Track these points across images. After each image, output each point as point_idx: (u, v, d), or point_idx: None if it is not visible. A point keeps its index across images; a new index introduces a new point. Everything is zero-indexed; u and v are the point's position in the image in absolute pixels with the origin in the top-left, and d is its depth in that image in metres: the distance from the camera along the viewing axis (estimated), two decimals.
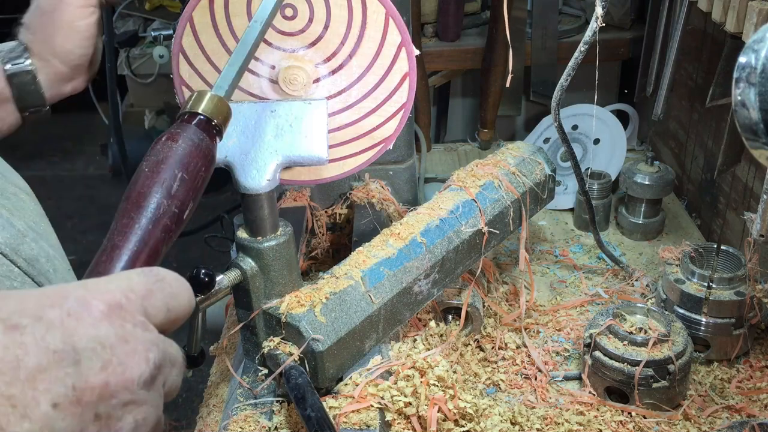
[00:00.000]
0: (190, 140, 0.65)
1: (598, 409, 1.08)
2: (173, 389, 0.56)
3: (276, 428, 0.90)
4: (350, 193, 1.37)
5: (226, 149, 0.90)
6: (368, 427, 0.85)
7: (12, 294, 0.49)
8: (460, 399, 0.91)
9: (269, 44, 0.93)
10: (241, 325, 0.97)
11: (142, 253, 0.61)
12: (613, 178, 1.57)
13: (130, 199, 0.62)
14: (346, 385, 0.91)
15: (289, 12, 0.92)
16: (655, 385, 1.05)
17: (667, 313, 1.13)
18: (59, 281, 0.68)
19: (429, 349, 1.08)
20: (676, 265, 1.23)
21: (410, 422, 0.89)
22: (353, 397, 0.88)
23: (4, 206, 0.67)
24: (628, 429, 1.04)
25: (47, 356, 0.46)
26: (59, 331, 0.47)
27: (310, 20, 0.92)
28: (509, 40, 1.14)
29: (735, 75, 0.68)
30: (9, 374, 0.44)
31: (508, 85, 1.20)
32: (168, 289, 0.55)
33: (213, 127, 0.69)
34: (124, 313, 0.51)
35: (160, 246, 0.62)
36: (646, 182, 1.48)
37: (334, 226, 1.40)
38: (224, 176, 0.92)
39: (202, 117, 0.68)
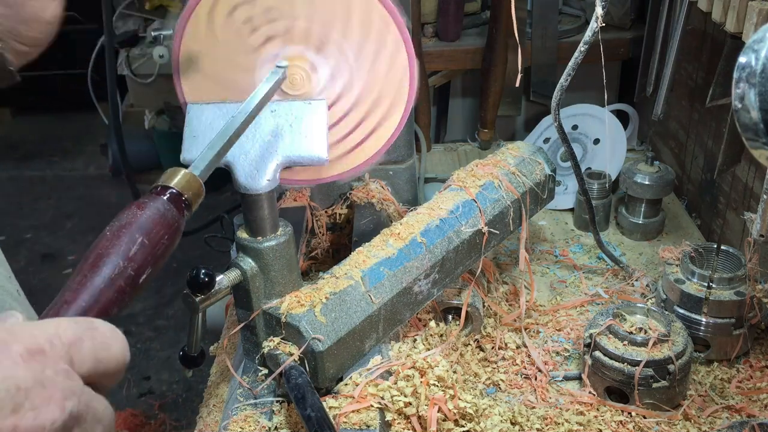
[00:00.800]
0: (156, 209, 0.67)
1: (598, 409, 1.08)
2: None
3: (276, 428, 0.90)
4: (350, 193, 1.37)
5: None
6: (368, 427, 0.85)
7: None
8: (460, 399, 0.91)
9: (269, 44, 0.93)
10: (241, 325, 0.97)
11: (90, 311, 0.60)
12: (613, 178, 1.57)
13: (88, 260, 0.62)
14: (346, 385, 0.91)
15: (291, 13, 0.92)
16: (655, 385, 1.05)
17: (667, 313, 1.13)
18: (13, 304, 0.67)
19: (429, 349, 1.08)
20: (676, 265, 1.23)
21: (410, 422, 0.89)
22: (353, 397, 0.88)
23: None
24: (628, 429, 1.04)
25: None
26: None
27: (311, 21, 0.92)
28: (517, 38, 1.14)
29: (735, 75, 0.68)
30: None
31: (517, 84, 1.20)
32: (99, 338, 0.54)
33: (183, 201, 0.70)
34: (45, 358, 0.50)
35: (111, 306, 0.61)
36: (646, 182, 1.48)
37: (334, 226, 1.40)
38: (224, 176, 0.92)
39: (173, 191, 0.70)
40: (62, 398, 0.50)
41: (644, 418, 1.06)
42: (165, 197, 0.69)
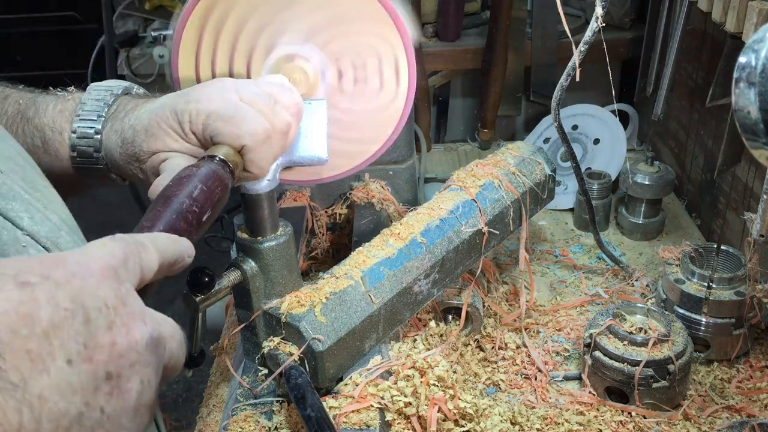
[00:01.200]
0: (209, 167, 0.76)
1: (598, 409, 1.08)
2: (176, 360, 0.57)
3: (276, 428, 0.90)
4: (350, 193, 1.37)
5: None
6: (368, 427, 0.85)
7: (13, 258, 0.49)
8: (460, 399, 0.91)
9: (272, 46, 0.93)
10: (242, 326, 0.97)
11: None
12: (613, 178, 1.57)
13: (159, 200, 0.71)
14: (346, 385, 0.91)
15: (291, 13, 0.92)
16: (655, 385, 1.05)
17: (667, 313, 1.13)
18: None
19: (429, 349, 1.08)
20: (676, 265, 1.23)
21: (410, 422, 0.89)
22: (353, 397, 0.88)
23: (39, 200, 0.68)
24: (628, 429, 1.04)
25: (59, 313, 0.46)
26: (67, 289, 0.47)
27: (312, 20, 0.92)
28: (570, 33, 1.14)
29: (735, 75, 0.68)
30: (26, 329, 0.44)
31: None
32: (138, 254, 0.56)
33: (228, 165, 0.79)
34: (118, 277, 0.52)
35: (182, 234, 0.68)
36: (646, 182, 1.48)
37: (334, 226, 1.40)
38: None
39: (220, 157, 0.79)
40: (142, 314, 0.52)
41: (644, 418, 1.06)
42: (215, 160, 0.78)
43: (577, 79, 1.05)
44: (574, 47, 1.06)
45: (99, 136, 0.86)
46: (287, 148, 0.88)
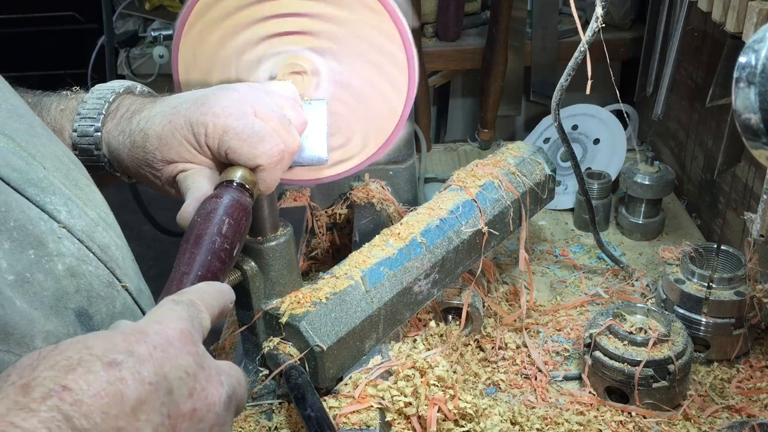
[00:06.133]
0: (231, 196, 0.78)
1: (598, 409, 1.08)
2: (242, 406, 0.60)
3: (276, 428, 0.90)
4: (350, 193, 1.37)
5: None
6: (368, 427, 0.85)
7: (97, 335, 0.51)
8: (460, 399, 0.91)
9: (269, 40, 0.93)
10: (243, 328, 0.97)
11: (204, 278, 0.71)
12: (613, 178, 1.57)
13: (190, 240, 0.73)
14: (346, 385, 0.91)
15: (291, 12, 0.92)
16: (655, 385, 1.05)
17: (667, 313, 1.13)
18: (127, 270, 0.73)
19: (429, 349, 1.08)
20: (676, 265, 1.23)
21: (410, 422, 0.89)
22: (353, 397, 0.88)
23: (78, 196, 0.71)
24: (628, 429, 1.04)
25: (144, 388, 0.48)
26: (150, 364, 0.50)
27: (312, 19, 0.92)
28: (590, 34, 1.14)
29: (735, 75, 0.68)
30: (116, 408, 0.47)
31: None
32: (198, 315, 0.59)
33: (247, 189, 0.81)
34: (192, 340, 0.54)
35: (219, 273, 0.73)
36: (646, 182, 1.48)
37: (334, 226, 1.40)
38: None
39: (238, 181, 0.80)
40: (217, 374, 0.55)
41: (644, 418, 1.06)
42: (234, 186, 0.79)
43: (589, 85, 1.05)
44: (581, 45, 1.06)
45: (99, 134, 0.86)
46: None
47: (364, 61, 0.94)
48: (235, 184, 0.79)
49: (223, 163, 0.84)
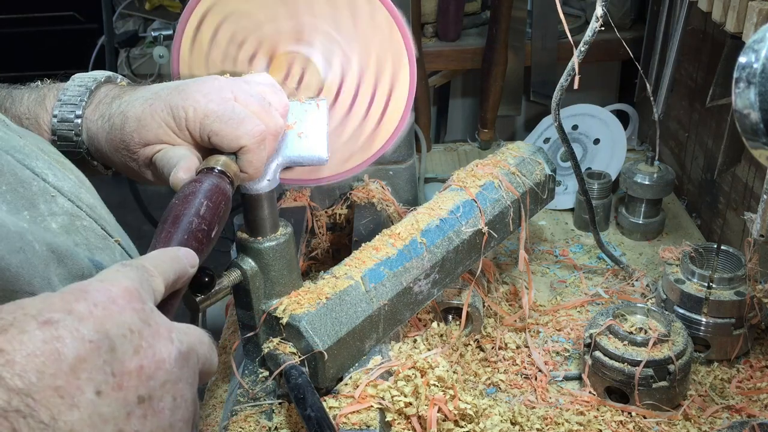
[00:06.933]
0: (211, 181, 0.78)
1: (598, 409, 1.08)
2: (208, 365, 0.59)
3: (276, 428, 0.90)
4: (350, 193, 1.37)
5: None
6: (368, 427, 0.85)
7: (35, 297, 0.50)
8: (460, 399, 0.91)
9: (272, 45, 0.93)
10: (245, 332, 0.97)
11: None
12: (613, 178, 1.57)
13: (167, 221, 0.73)
14: (346, 385, 0.91)
15: (291, 11, 0.92)
16: (655, 385, 1.05)
17: (667, 313, 1.13)
18: (116, 227, 0.74)
19: (429, 350, 1.08)
20: (676, 265, 1.23)
21: (410, 422, 0.89)
22: (353, 398, 0.88)
23: (57, 162, 0.72)
24: (628, 429, 1.04)
25: (84, 346, 0.47)
26: (90, 321, 0.48)
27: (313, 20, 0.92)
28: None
29: (735, 75, 0.68)
30: (53, 366, 0.45)
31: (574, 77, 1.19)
32: (148, 281, 0.58)
33: (228, 177, 0.81)
34: (141, 298, 0.53)
35: (196, 253, 0.71)
36: (646, 182, 1.48)
37: (334, 226, 1.40)
38: None
39: (218, 168, 0.80)
40: (168, 331, 0.53)
41: (644, 418, 1.06)
42: (215, 172, 0.80)
43: (576, 86, 1.05)
44: (581, 45, 1.06)
45: (79, 120, 0.87)
46: (276, 150, 0.89)
47: (365, 61, 0.94)
48: (216, 170, 0.80)
49: (205, 148, 0.84)
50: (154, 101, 0.83)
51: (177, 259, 0.65)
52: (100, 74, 0.92)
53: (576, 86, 1.03)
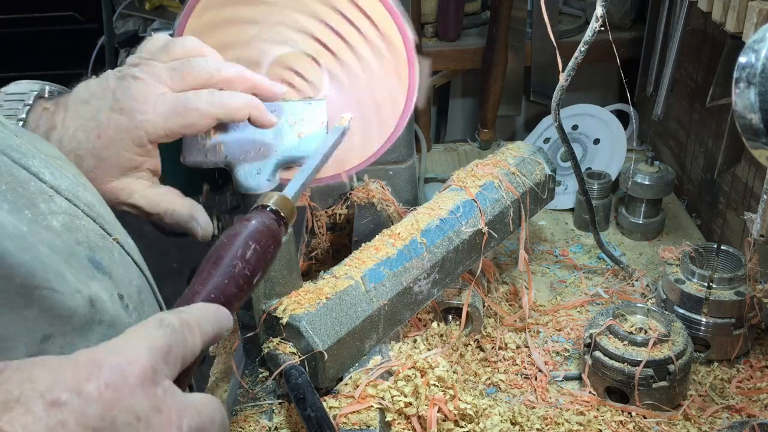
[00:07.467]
0: (261, 221, 0.75)
1: (598, 409, 1.08)
2: None
3: (276, 428, 0.90)
4: (350, 193, 1.36)
5: (226, 149, 0.90)
6: (368, 427, 0.85)
7: (46, 362, 0.49)
8: (460, 399, 0.91)
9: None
10: (248, 334, 0.97)
11: (216, 301, 0.66)
12: (613, 178, 1.57)
13: (210, 260, 0.70)
14: (346, 385, 0.91)
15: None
16: (655, 385, 1.05)
17: (667, 313, 1.13)
18: (115, 225, 0.72)
19: (429, 350, 1.08)
20: (676, 265, 1.23)
21: (410, 422, 0.89)
22: (353, 398, 0.88)
23: (54, 160, 0.70)
24: (628, 429, 1.04)
25: None
26: (98, 405, 0.47)
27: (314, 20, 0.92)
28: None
29: (735, 75, 0.68)
30: None
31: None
32: (183, 342, 0.55)
33: (281, 217, 0.78)
34: (156, 378, 0.51)
35: (233, 300, 0.68)
36: (646, 182, 1.48)
37: (334, 226, 1.40)
38: (224, 176, 0.92)
39: (272, 207, 0.77)
40: (178, 417, 0.51)
41: (644, 418, 1.06)
42: (266, 211, 0.77)
43: (563, 77, 1.05)
44: (581, 44, 1.06)
45: None
46: (276, 150, 0.89)
47: (366, 61, 0.94)
48: (268, 209, 0.77)
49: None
50: (100, 131, 0.80)
51: (219, 319, 0.62)
52: (28, 90, 0.85)
53: (563, 81, 1.02)
